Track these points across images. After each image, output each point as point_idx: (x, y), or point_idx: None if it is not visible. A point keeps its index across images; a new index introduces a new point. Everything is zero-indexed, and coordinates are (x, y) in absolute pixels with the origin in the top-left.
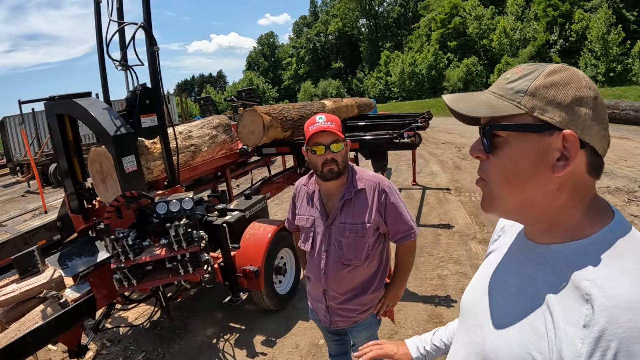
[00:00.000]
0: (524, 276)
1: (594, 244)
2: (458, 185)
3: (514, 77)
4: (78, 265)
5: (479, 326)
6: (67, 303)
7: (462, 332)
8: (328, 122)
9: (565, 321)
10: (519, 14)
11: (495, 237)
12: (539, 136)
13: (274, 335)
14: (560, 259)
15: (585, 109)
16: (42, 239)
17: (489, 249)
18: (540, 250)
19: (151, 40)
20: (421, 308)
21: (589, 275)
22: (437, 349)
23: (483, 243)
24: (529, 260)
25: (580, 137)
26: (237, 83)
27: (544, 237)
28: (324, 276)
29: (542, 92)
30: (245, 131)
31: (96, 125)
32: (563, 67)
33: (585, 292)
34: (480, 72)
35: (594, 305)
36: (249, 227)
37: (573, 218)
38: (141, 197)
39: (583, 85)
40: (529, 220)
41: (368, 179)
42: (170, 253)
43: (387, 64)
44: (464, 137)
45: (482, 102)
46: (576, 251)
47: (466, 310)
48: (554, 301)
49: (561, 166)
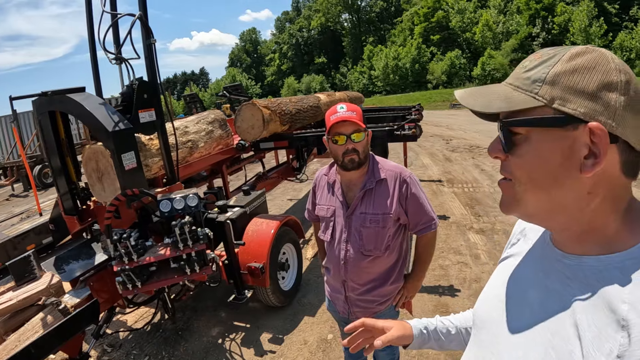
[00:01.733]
0: (548, 290)
1: (633, 258)
2: (450, 177)
3: (531, 64)
4: (76, 269)
5: (494, 343)
6: (67, 309)
7: (475, 346)
8: (349, 111)
9: (596, 348)
10: (501, 7)
11: (514, 240)
12: (562, 131)
13: (281, 332)
14: (592, 274)
15: (615, 95)
16: (32, 243)
17: (505, 253)
18: (569, 261)
19: (147, 32)
20: (427, 298)
21: (627, 296)
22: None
23: (480, 233)
24: (555, 272)
25: (610, 130)
26: (220, 80)
27: (574, 246)
28: (343, 267)
29: (562, 80)
30: (244, 125)
31: (93, 121)
32: (587, 48)
33: (622, 317)
34: (464, 65)
35: (630, 334)
36: (251, 223)
37: (609, 226)
38: (143, 195)
39: (612, 68)
40: (556, 226)
41: (389, 169)
42: (176, 252)
43: (370, 59)
44: (451, 129)
45: (497, 95)
46: (612, 266)
47: (480, 323)
48: (584, 324)
49: (590, 165)
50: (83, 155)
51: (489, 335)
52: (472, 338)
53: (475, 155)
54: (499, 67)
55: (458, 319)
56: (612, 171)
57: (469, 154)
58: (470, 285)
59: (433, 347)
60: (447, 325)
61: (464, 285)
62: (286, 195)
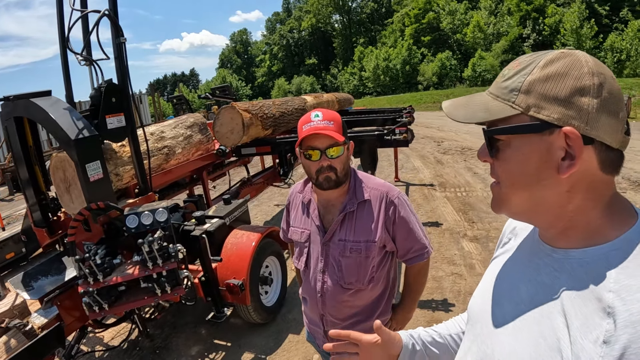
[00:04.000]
0: (538, 283)
1: (616, 249)
2: (442, 181)
3: (509, 73)
4: (44, 286)
5: (488, 335)
6: (33, 331)
7: (470, 341)
8: (325, 120)
9: (583, 336)
10: (492, 9)
11: (505, 239)
12: (538, 136)
13: (264, 351)
14: (579, 266)
15: (588, 99)
16: (11, 252)
17: (497, 251)
18: (557, 255)
19: (117, 31)
20: (419, 314)
21: (612, 285)
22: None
23: (475, 241)
24: (544, 266)
25: (584, 133)
26: (210, 81)
27: (560, 241)
28: (320, 300)
29: (536, 88)
30: (223, 130)
31: (56, 128)
32: (562, 53)
33: (607, 305)
34: (455, 66)
35: (616, 320)
36: (231, 236)
37: (592, 221)
38: (109, 208)
39: (584, 73)
40: (542, 224)
41: (374, 188)
42: (145, 272)
43: (361, 60)
44: (442, 131)
45: (478, 106)
46: (597, 257)
47: (474, 317)
48: (572, 313)
49: (566, 166)
50: (50, 164)
51: (482, 328)
52: (467, 333)
53: (467, 158)
54: (489, 68)
55: (441, 327)
56: (590, 170)
57: (460, 156)
58: (465, 299)
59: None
60: (430, 333)
61: (458, 299)
62: (273, 200)
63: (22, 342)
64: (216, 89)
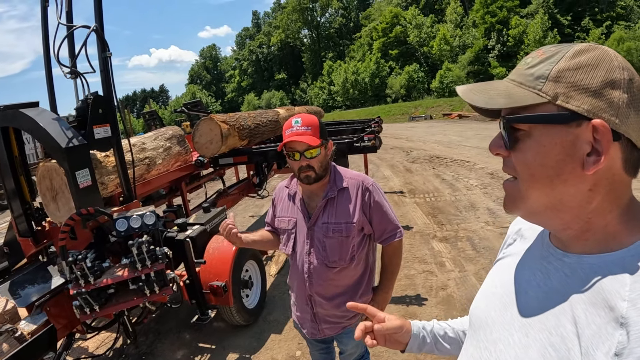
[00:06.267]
0: (548, 289)
1: (632, 256)
2: (411, 188)
3: (534, 61)
4: (32, 294)
5: (492, 343)
6: (23, 337)
7: (472, 347)
8: (304, 126)
9: (594, 347)
10: (457, 22)
11: (510, 241)
12: (565, 128)
13: (248, 351)
14: (592, 272)
15: (619, 93)
16: None
17: (501, 254)
18: (569, 260)
19: (103, 45)
20: (394, 309)
21: (627, 294)
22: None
23: (444, 241)
24: (554, 271)
25: (614, 128)
26: (180, 97)
27: (574, 245)
28: (308, 280)
29: (566, 77)
30: (202, 141)
31: (46, 137)
32: (590, 46)
33: (621, 315)
34: (422, 79)
35: (629, 331)
36: (212, 241)
37: (609, 224)
38: (98, 214)
39: (615, 66)
40: (557, 225)
41: (352, 178)
42: (134, 273)
43: (330, 74)
44: (411, 141)
45: (499, 92)
46: (612, 264)
47: (477, 322)
48: (583, 322)
49: (592, 162)
50: (37, 174)
51: (486, 334)
52: (469, 339)
53: (436, 166)
54: (456, 80)
55: (456, 322)
56: (613, 169)
57: (429, 164)
58: (437, 293)
59: (432, 350)
60: (444, 327)
61: (430, 294)
62: (248, 212)
63: (14, 346)
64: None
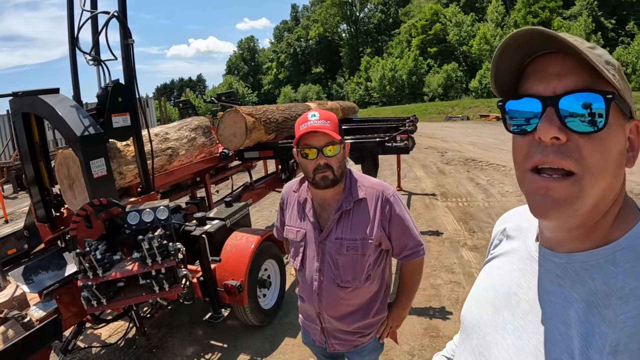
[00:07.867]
0: (539, 291)
1: (622, 249)
2: (444, 191)
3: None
4: (44, 280)
5: (486, 347)
6: (31, 323)
7: (466, 352)
8: (322, 120)
9: (588, 346)
10: (499, 21)
11: (496, 242)
12: (625, 120)
13: (260, 354)
14: (583, 270)
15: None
16: (13, 248)
17: (489, 254)
18: (559, 260)
19: (125, 32)
20: (416, 321)
21: (619, 290)
22: None
23: (474, 250)
24: (545, 272)
25: None
26: (217, 87)
27: (564, 244)
28: (317, 298)
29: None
30: (226, 133)
31: (62, 124)
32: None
33: (614, 313)
34: (460, 78)
35: (623, 329)
36: (231, 237)
37: (609, 220)
38: (111, 205)
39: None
40: (581, 222)
41: (370, 187)
42: (144, 268)
43: (367, 70)
44: (446, 141)
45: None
46: (602, 260)
47: (470, 326)
48: (576, 321)
49: (632, 157)
50: (55, 161)
51: (479, 339)
52: (462, 344)
53: (470, 169)
54: None
55: None
56: None
57: (463, 167)
58: None
59: None
60: None
61: (456, 307)
62: (274, 206)
63: (20, 332)
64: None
